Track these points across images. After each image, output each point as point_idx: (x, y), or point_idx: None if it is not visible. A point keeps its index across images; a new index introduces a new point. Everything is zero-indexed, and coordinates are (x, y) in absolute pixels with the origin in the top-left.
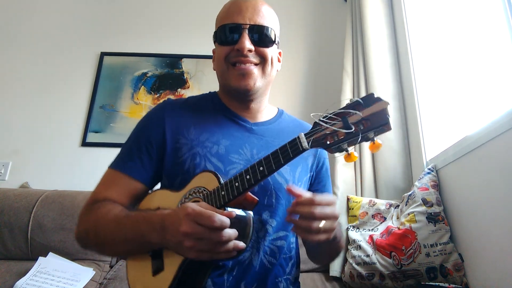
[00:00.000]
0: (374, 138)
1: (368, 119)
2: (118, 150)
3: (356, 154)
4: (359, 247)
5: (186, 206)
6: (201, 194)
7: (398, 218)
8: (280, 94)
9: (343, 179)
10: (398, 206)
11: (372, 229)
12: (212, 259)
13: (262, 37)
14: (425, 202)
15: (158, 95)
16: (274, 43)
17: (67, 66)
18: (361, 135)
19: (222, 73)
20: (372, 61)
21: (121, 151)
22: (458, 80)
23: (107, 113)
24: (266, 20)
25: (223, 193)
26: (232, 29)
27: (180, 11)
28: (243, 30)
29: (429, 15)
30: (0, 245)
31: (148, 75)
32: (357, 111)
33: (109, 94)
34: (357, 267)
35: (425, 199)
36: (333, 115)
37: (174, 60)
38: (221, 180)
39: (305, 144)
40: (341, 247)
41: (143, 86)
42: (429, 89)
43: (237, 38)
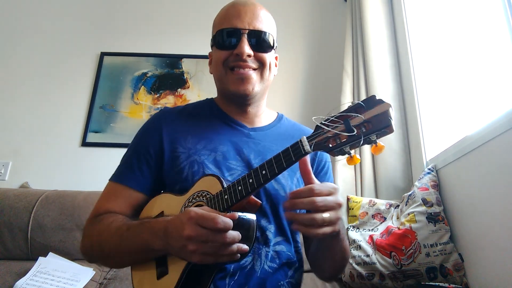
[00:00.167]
0: (377, 140)
1: (370, 122)
2: (118, 150)
3: (358, 157)
4: (359, 247)
5: (189, 210)
6: (204, 198)
7: (398, 218)
8: (280, 95)
9: (343, 179)
10: (398, 206)
11: (372, 229)
12: (216, 263)
13: (261, 42)
14: (425, 202)
15: (158, 95)
16: (272, 48)
17: (67, 66)
18: (363, 137)
19: (220, 77)
20: (372, 61)
21: (120, 163)
22: (458, 80)
23: (107, 113)
24: (265, 25)
25: (226, 197)
26: (231, 33)
27: (180, 11)
28: (242, 35)
29: (429, 16)
30: (0, 245)
31: (148, 75)
32: (359, 114)
33: (109, 94)
34: (357, 267)
35: (425, 199)
36: (334, 118)
37: (174, 60)
38: (224, 184)
39: (307, 147)
40: (346, 248)
41: (143, 86)
42: (429, 89)
43: (236, 42)
